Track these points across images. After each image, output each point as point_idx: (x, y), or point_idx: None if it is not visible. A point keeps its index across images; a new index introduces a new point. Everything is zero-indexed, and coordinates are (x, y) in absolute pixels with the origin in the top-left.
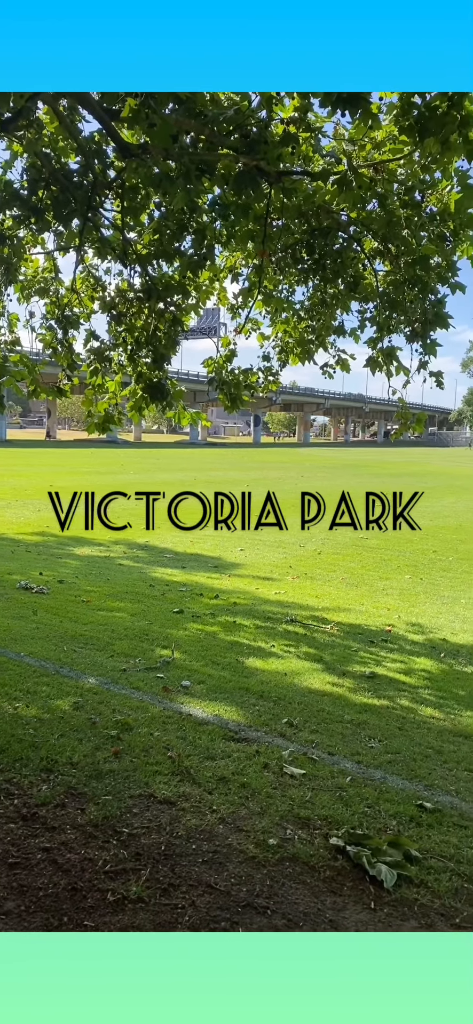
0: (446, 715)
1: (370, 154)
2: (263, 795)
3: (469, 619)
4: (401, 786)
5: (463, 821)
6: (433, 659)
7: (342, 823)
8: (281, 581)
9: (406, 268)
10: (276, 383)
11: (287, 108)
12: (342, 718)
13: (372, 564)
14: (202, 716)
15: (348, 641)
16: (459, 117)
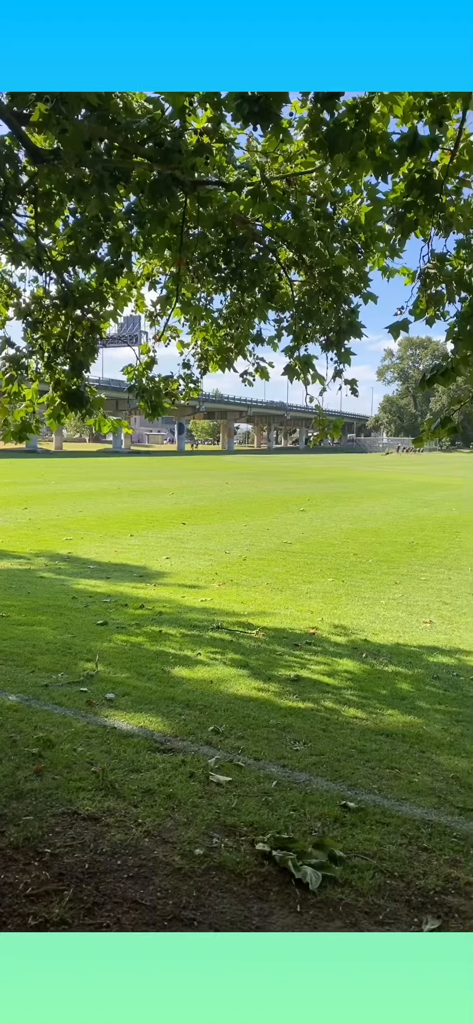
0: (368, 714)
1: (283, 166)
2: (189, 805)
3: (389, 619)
4: (326, 787)
5: (385, 818)
6: (355, 660)
7: (268, 828)
8: (207, 588)
9: (320, 278)
10: (197, 390)
11: (200, 119)
12: (268, 723)
13: (296, 568)
14: (127, 728)
15: (273, 645)
16: (366, 135)
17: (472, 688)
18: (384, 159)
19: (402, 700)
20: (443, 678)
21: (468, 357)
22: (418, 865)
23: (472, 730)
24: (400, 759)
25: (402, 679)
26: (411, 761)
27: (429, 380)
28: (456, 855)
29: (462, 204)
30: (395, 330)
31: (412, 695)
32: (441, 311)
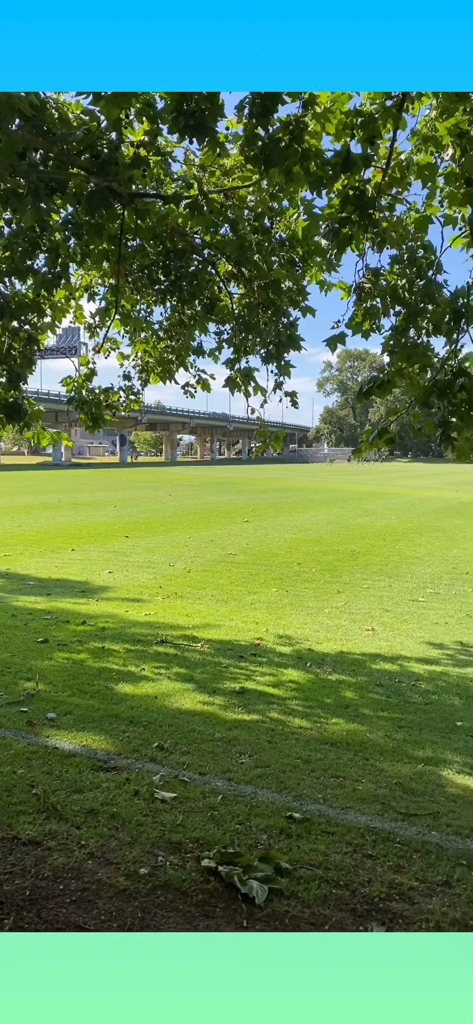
0: (313, 724)
1: (220, 180)
2: (134, 824)
3: (332, 627)
4: (271, 799)
5: (330, 827)
6: (300, 669)
7: (214, 843)
8: (151, 602)
9: (259, 292)
10: (138, 402)
11: (137, 131)
12: (213, 736)
13: (240, 579)
14: (69, 748)
15: (219, 658)
16: (300, 150)
17: (414, 694)
18: (318, 175)
19: (346, 708)
20: (386, 685)
21: (402, 369)
22: (363, 873)
23: (414, 736)
24: (344, 767)
25: (346, 687)
26: (355, 769)
27: (366, 392)
28: (400, 861)
29: (395, 220)
30: (332, 343)
31: (356, 703)
32: (376, 325)
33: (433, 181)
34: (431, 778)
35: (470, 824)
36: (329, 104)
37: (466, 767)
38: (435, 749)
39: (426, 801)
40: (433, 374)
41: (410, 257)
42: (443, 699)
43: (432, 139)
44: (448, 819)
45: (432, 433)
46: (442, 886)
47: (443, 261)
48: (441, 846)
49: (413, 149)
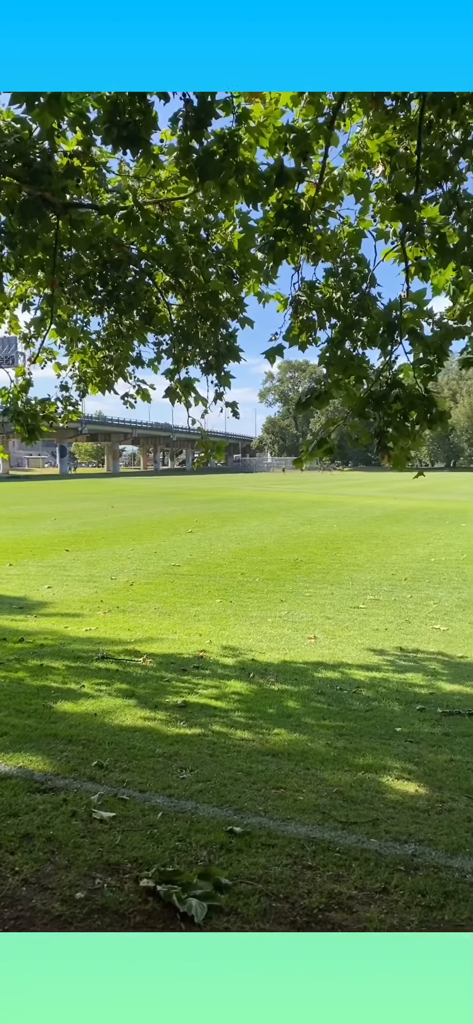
0: (256, 735)
1: (155, 191)
2: (71, 846)
3: (275, 637)
4: (212, 814)
5: (271, 840)
6: (243, 680)
7: (153, 862)
8: (92, 617)
9: (197, 302)
10: (77, 413)
11: (70, 141)
12: (154, 752)
13: (184, 591)
14: (4, 770)
15: (161, 672)
16: (235, 163)
17: (355, 701)
18: (253, 188)
19: (288, 718)
20: (327, 693)
21: (339, 381)
22: (302, 884)
23: (355, 743)
24: (286, 778)
25: (289, 696)
26: (296, 779)
27: (304, 403)
28: (339, 870)
29: (329, 234)
30: (271, 355)
31: (298, 712)
32: (313, 337)
33: (365, 196)
34: (371, 785)
35: (408, 830)
36: (262, 119)
37: (405, 772)
38: (375, 756)
39: (366, 808)
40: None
41: (344, 270)
42: (383, 705)
43: (364, 156)
44: (387, 825)
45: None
46: (380, 893)
47: (376, 274)
48: (380, 853)
49: (346, 165)
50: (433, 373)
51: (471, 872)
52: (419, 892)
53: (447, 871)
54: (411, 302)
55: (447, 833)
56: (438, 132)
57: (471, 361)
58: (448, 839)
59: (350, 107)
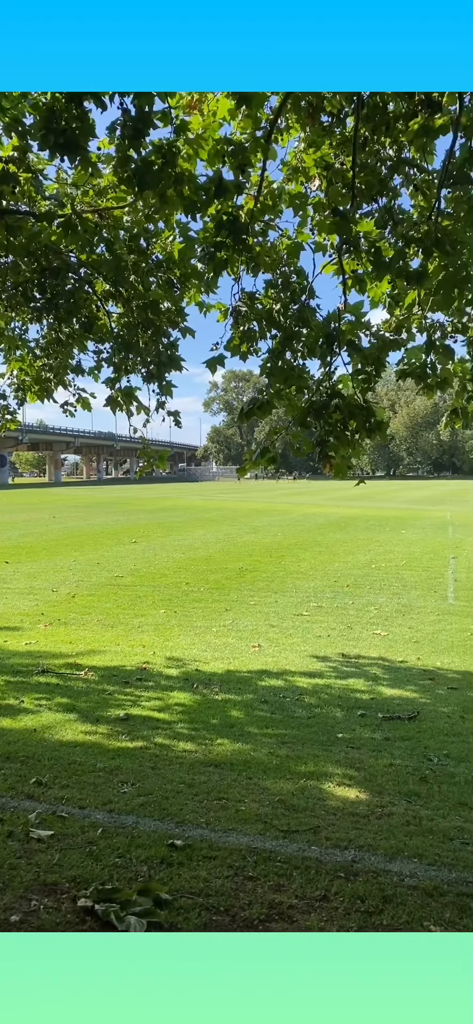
0: (199, 746)
1: (94, 200)
2: (6, 868)
3: (220, 646)
4: (153, 828)
5: (212, 851)
6: (187, 691)
7: (91, 880)
8: (32, 630)
9: (138, 311)
10: (15, 422)
11: (6, 147)
12: (95, 767)
13: (127, 602)
14: None
15: (104, 685)
16: (173, 174)
17: (298, 708)
18: (192, 199)
19: (232, 728)
20: (271, 701)
21: (280, 391)
22: (243, 896)
23: (297, 751)
24: (228, 788)
25: (232, 706)
26: (239, 789)
27: (247, 413)
28: (280, 880)
29: (268, 246)
30: (212, 365)
31: (241, 721)
32: (253, 347)
33: (303, 210)
34: (312, 792)
35: (348, 836)
36: (201, 131)
37: (346, 778)
38: (317, 763)
39: (307, 816)
40: (309, 395)
41: (284, 282)
42: (326, 712)
43: (301, 170)
44: (328, 832)
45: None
46: (320, 901)
47: (315, 287)
48: (320, 860)
49: (284, 179)
50: (371, 384)
51: (409, 875)
52: (358, 898)
53: (386, 875)
54: (349, 314)
55: (386, 837)
56: (373, 149)
57: (407, 372)
58: (387, 843)
59: (287, 122)
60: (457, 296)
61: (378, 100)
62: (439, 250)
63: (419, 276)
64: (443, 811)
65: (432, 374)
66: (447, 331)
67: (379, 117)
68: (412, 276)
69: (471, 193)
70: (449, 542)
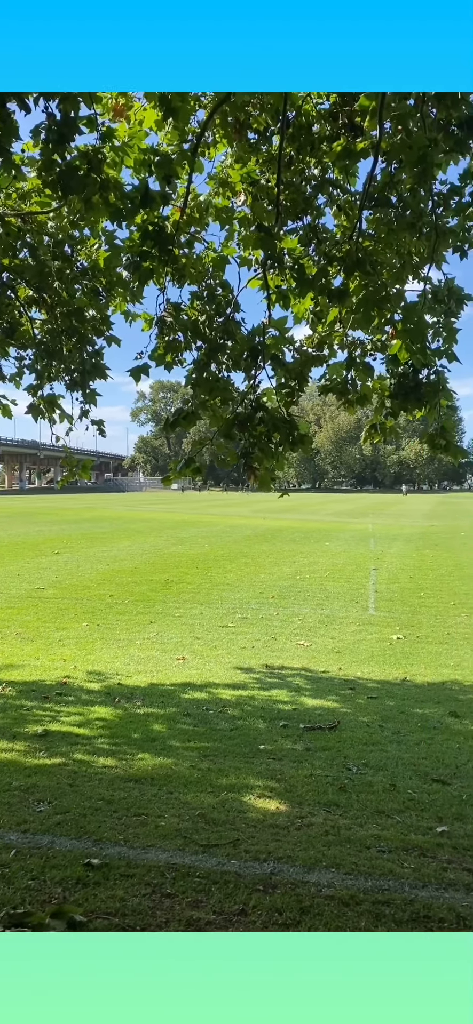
0: (119, 761)
1: (17, 203)
2: None
3: (143, 659)
4: (69, 847)
5: (130, 869)
6: (109, 705)
7: (2, 905)
8: None
9: (62, 318)
10: None
11: None
12: (10, 786)
13: (49, 615)
14: None
15: (22, 700)
16: (99, 180)
17: (221, 721)
18: (118, 207)
19: (153, 742)
20: (194, 714)
21: (205, 402)
22: (160, 913)
23: (219, 763)
24: (148, 804)
25: (154, 720)
26: (159, 804)
27: (172, 423)
28: (198, 895)
29: (194, 258)
30: (136, 374)
31: (164, 735)
32: (178, 358)
33: (229, 224)
34: (233, 805)
35: (268, 848)
36: (127, 139)
37: (267, 790)
38: (238, 775)
39: (227, 829)
40: (234, 407)
41: (209, 294)
42: (248, 723)
43: (227, 184)
44: (247, 845)
45: (236, 463)
46: (238, 915)
47: (240, 300)
48: (239, 874)
49: (211, 192)
50: (294, 397)
51: (327, 885)
52: (276, 910)
53: (304, 887)
54: (273, 328)
55: (305, 848)
56: (298, 168)
57: (329, 387)
58: (306, 854)
59: (214, 137)
60: (377, 315)
61: (303, 121)
62: (360, 270)
63: (341, 294)
64: (361, 820)
65: (352, 390)
66: (367, 349)
67: (304, 137)
68: (334, 294)
69: (391, 216)
70: (371, 554)
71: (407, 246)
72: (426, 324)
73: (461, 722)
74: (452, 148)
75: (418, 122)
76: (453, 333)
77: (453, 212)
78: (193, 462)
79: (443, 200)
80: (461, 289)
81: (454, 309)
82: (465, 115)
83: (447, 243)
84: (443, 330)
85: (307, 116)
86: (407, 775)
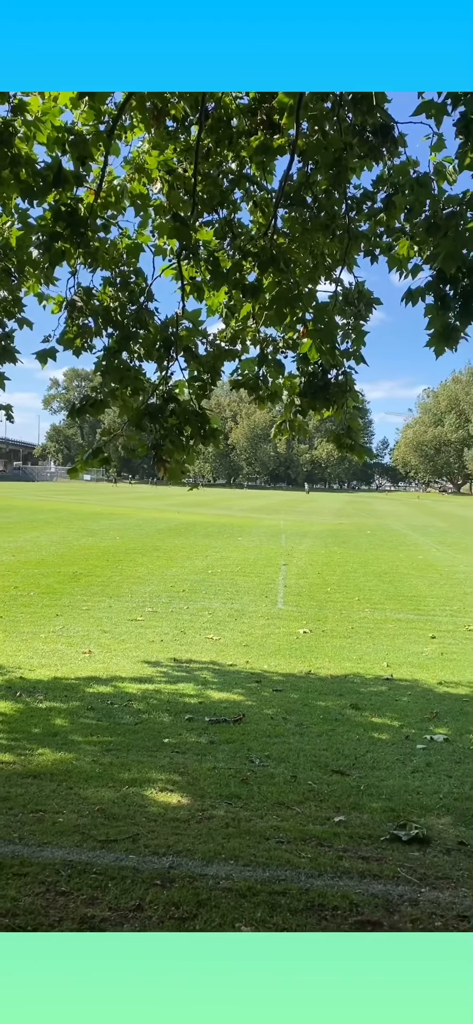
0: (17, 757)
1: None
2: None
3: (48, 652)
4: None
5: (24, 868)
6: (9, 700)
7: None
8: None
9: None
10: None
11: None
12: None
13: None
14: None
15: None
16: (10, 155)
17: (125, 715)
18: (29, 183)
19: (54, 736)
20: (98, 708)
21: (115, 390)
22: (54, 912)
23: (122, 758)
24: (46, 800)
25: (57, 714)
26: (58, 800)
27: (78, 410)
28: (94, 892)
29: (108, 243)
30: (42, 357)
31: (65, 730)
32: (88, 343)
33: (145, 211)
34: (134, 800)
35: (167, 842)
36: (40, 114)
37: (169, 784)
38: (141, 769)
39: (127, 824)
40: (145, 397)
41: (123, 281)
42: (153, 717)
43: (144, 170)
44: (147, 840)
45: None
46: (134, 911)
47: (154, 289)
48: (137, 869)
49: (127, 176)
50: (207, 391)
51: (225, 878)
52: (173, 904)
53: (202, 880)
54: (187, 320)
55: (205, 841)
56: (216, 160)
57: (240, 383)
58: (205, 847)
59: (132, 120)
60: (289, 313)
61: (222, 114)
62: (274, 267)
63: (254, 290)
64: (261, 811)
65: (263, 386)
66: (279, 346)
67: (223, 130)
68: (248, 289)
69: (305, 216)
70: (281, 549)
71: (320, 247)
72: (336, 325)
73: (361, 714)
74: (366, 154)
75: (335, 125)
76: (362, 335)
77: (365, 216)
78: (101, 452)
79: (356, 204)
80: (371, 292)
81: (363, 312)
82: (379, 122)
83: (359, 247)
84: (352, 332)
85: (226, 109)
86: (308, 766)
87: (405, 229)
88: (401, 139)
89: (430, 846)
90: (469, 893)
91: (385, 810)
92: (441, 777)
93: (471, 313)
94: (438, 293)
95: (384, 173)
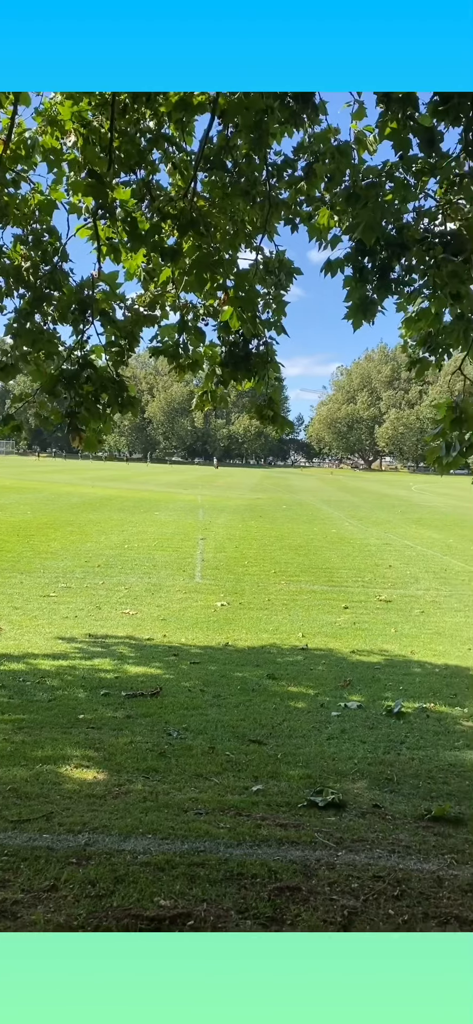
0: None
1: None
2: None
3: None
4: None
5: None
6: None
7: None
8: None
9: None
10: None
11: None
12: None
13: None
14: None
15: None
16: None
17: (39, 692)
18: None
19: None
20: (9, 686)
21: (27, 355)
22: None
23: (35, 735)
24: None
25: None
26: None
27: None
28: (6, 874)
29: (19, 199)
30: None
31: None
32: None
33: (58, 166)
34: (48, 778)
35: (83, 819)
36: None
37: (85, 760)
38: (55, 746)
39: (40, 803)
40: (59, 363)
41: (35, 239)
42: (68, 693)
43: (57, 123)
44: (61, 818)
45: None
46: (49, 892)
47: (69, 249)
48: (51, 848)
49: (38, 129)
50: (124, 357)
51: (143, 852)
52: (89, 882)
53: (119, 855)
54: (103, 282)
55: (122, 816)
56: (133, 118)
57: (160, 350)
58: (122, 822)
59: None
60: (209, 279)
61: None
62: (194, 230)
63: (173, 253)
64: (179, 784)
65: (184, 354)
66: (199, 313)
67: None
68: (167, 252)
69: (226, 180)
70: (199, 524)
71: (241, 213)
72: (257, 293)
73: (278, 683)
74: (287, 119)
75: None
76: (282, 306)
77: (286, 184)
78: (12, 419)
79: (277, 171)
80: (291, 262)
81: (284, 282)
82: None
83: (279, 215)
84: (273, 302)
85: None
86: (226, 737)
87: (325, 198)
88: (322, 106)
89: (346, 810)
90: (384, 854)
91: (302, 777)
92: (355, 743)
93: (388, 286)
94: (357, 265)
95: (305, 140)
